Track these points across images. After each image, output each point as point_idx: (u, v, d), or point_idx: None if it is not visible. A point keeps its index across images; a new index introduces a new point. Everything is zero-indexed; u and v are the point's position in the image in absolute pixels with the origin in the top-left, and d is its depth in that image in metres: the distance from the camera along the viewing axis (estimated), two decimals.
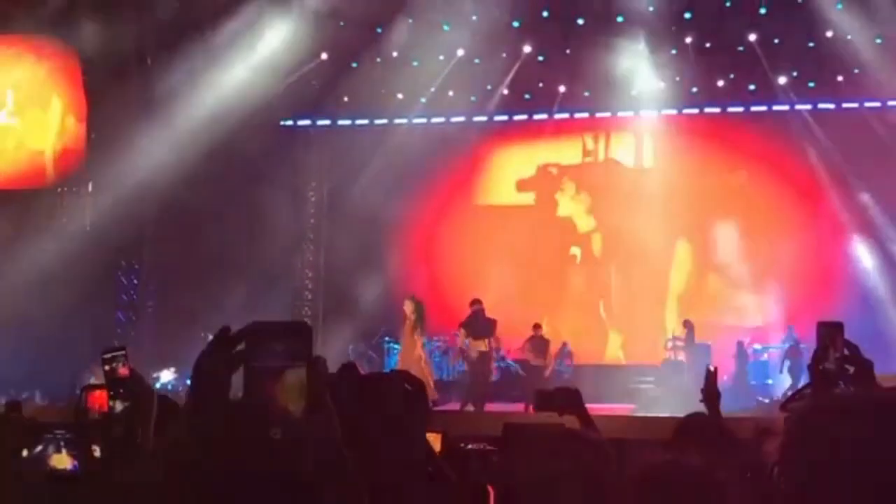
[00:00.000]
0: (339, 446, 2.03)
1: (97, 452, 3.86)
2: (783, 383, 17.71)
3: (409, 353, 15.71)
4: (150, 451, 2.80)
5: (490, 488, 3.10)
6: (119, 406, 3.41)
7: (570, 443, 3.09)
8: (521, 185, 22.70)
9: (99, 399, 4.17)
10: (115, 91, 18.61)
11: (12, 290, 16.94)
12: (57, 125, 18.98)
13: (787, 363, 17.91)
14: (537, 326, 18.87)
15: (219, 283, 19.07)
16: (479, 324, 16.05)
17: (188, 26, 18.24)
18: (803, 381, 13.46)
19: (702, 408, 4.59)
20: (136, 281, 20.13)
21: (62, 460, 5.75)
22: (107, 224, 18.49)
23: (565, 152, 22.66)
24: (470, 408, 15.17)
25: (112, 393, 3.44)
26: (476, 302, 16.33)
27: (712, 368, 4.84)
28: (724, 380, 18.41)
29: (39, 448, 5.85)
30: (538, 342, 18.54)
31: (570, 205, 22.42)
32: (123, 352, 3.72)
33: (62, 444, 5.78)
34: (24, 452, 5.52)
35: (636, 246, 21.15)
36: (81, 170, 19.01)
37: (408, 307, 15.90)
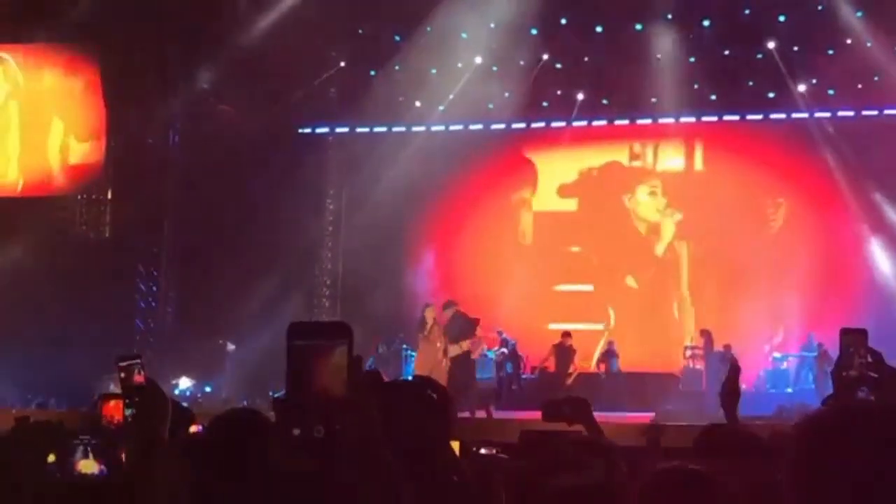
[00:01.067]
0: (378, 443, 2.04)
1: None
2: (804, 391, 17.61)
3: (431, 358, 15.64)
4: (165, 455, 2.82)
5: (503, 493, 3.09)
6: (133, 413, 3.43)
7: (585, 450, 3.08)
8: (563, 191, 22.62)
9: (114, 409, 4.20)
10: (136, 100, 18.70)
11: (32, 297, 17.04)
12: (77, 133, 19.08)
13: (811, 373, 17.83)
14: (566, 335, 18.86)
15: (237, 290, 19.12)
16: (457, 326, 15.85)
17: (208, 36, 18.30)
18: (828, 389, 13.43)
19: (722, 417, 4.56)
20: (154, 288, 20.19)
21: (89, 465, 5.79)
22: (126, 231, 18.58)
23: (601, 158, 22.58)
24: (466, 414, 14.95)
25: (127, 400, 3.45)
26: (449, 304, 16.11)
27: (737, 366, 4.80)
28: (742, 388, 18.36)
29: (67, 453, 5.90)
30: (564, 350, 18.56)
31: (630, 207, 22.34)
32: (139, 359, 3.73)
33: (89, 449, 5.81)
34: (51, 458, 5.57)
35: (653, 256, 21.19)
36: (101, 178, 19.10)
37: (429, 314, 15.87)
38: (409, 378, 13.10)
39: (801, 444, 1.64)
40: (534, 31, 19.68)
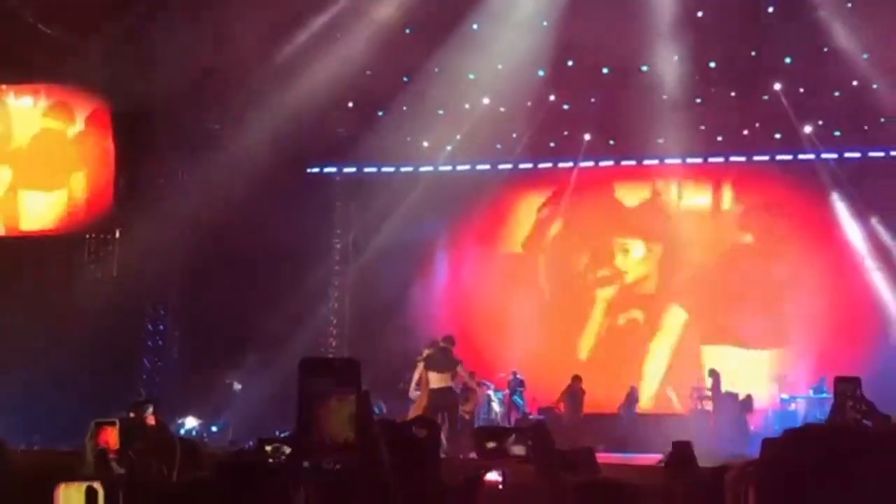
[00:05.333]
0: (386, 474, 2.07)
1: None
2: None
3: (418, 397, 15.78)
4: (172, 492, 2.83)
5: None
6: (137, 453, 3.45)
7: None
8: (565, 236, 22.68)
9: (108, 435, 4.22)
10: (145, 138, 18.80)
11: (40, 336, 17.04)
12: (85, 172, 19.17)
13: (820, 414, 17.78)
14: (576, 378, 18.97)
15: (244, 329, 19.11)
16: (438, 357, 15.89)
17: (218, 74, 18.42)
18: None
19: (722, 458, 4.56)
20: (162, 327, 20.20)
21: None
22: (134, 270, 18.60)
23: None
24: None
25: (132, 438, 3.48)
26: (447, 339, 16.23)
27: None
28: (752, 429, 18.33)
29: None
30: (574, 394, 18.72)
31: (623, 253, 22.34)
32: (151, 403, 3.77)
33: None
34: None
35: (666, 294, 21.15)
36: (109, 216, 19.16)
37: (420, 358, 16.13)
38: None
39: (756, 471, 1.64)
40: (541, 73, 19.77)
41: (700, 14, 18.42)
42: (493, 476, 5.73)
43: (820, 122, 20.33)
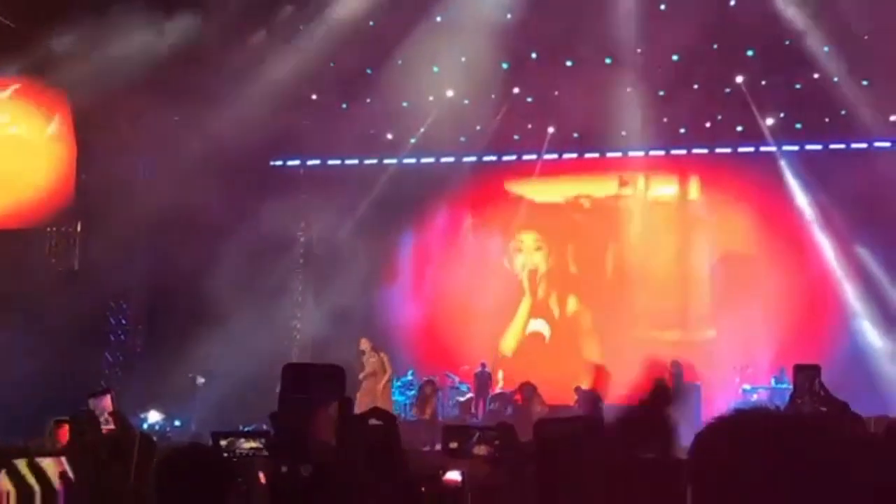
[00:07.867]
0: (361, 478, 2.07)
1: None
2: None
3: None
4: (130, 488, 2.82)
5: None
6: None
7: None
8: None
9: (65, 432, 4.21)
10: (106, 131, 18.62)
11: None
12: (45, 165, 18.97)
13: (783, 405, 17.89)
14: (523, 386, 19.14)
15: (207, 324, 18.99)
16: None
17: (179, 67, 18.27)
18: None
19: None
20: (124, 321, 20.05)
21: None
22: (96, 264, 18.44)
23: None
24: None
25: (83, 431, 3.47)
26: None
27: None
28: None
29: None
30: (525, 387, 18.83)
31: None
32: (110, 394, 3.73)
33: None
34: None
35: (625, 285, 21.25)
36: (70, 210, 18.98)
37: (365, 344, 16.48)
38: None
39: (689, 465, 1.65)
40: (505, 66, 19.78)
41: (663, 7, 18.51)
42: (453, 475, 5.72)
43: (781, 115, 20.49)
